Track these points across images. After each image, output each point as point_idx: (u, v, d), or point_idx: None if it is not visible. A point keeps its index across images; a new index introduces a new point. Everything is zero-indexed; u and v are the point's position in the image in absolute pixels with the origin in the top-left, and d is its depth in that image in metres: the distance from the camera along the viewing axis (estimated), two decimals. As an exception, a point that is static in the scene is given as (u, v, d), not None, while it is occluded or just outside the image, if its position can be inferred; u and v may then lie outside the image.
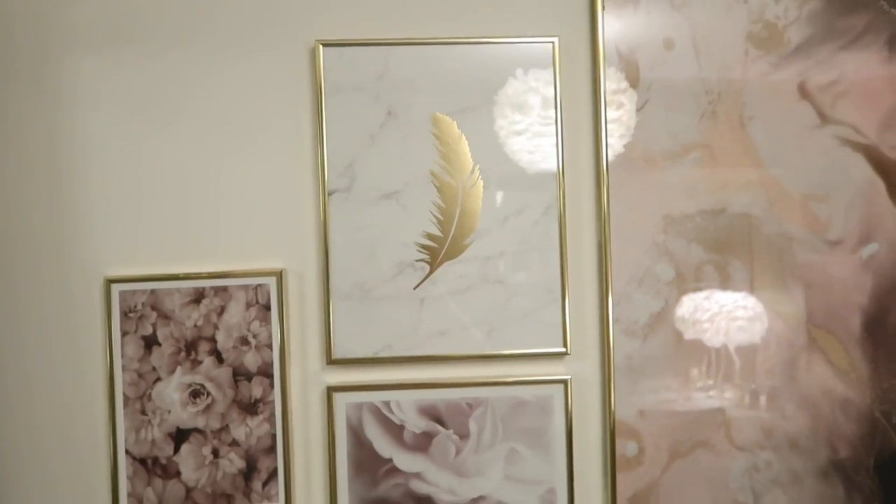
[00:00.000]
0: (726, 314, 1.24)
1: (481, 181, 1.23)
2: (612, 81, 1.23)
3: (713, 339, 1.24)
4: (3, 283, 1.22)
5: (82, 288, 1.22)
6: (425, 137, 1.23)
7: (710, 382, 1.25)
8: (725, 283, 1.25)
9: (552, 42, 1.23)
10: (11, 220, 1.22)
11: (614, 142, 1.23)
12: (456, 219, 1.24)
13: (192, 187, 1.23)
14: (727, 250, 1.25)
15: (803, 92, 1.25)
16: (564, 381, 1.24)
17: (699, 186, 1.24)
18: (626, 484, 1.25)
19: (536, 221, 1.23)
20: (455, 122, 1.23)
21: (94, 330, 1.22)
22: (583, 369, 1.26)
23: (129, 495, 1.23)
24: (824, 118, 1.25)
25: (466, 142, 1.23)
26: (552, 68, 1.23)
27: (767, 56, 1.25)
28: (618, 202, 1.23)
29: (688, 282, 1.24)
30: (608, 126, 1.22)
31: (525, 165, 1.23)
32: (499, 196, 1.23)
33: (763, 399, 1.25)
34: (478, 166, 1.23)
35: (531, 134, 1.23)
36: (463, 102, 1.23)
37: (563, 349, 1.23)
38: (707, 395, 1.24)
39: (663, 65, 1.24)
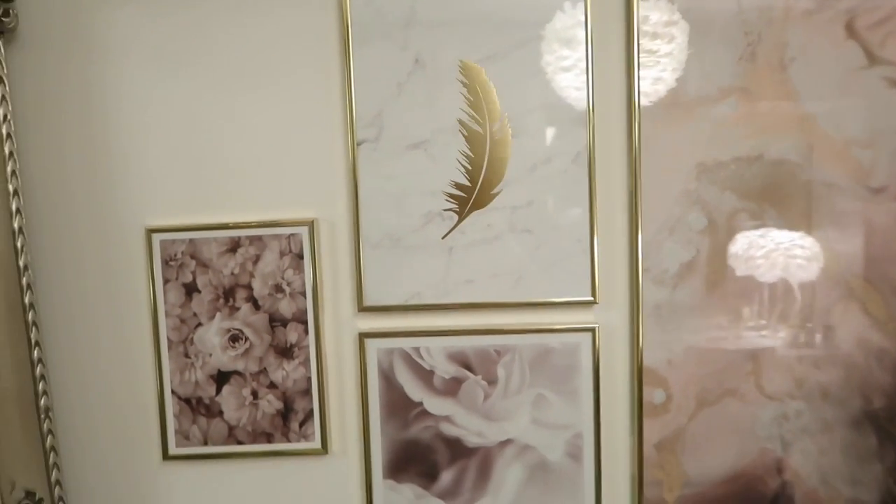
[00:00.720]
0: (779, 252, 1.22)
1: (510, 129, 1.22)
2: (662, 13, 1.18)
3: (765, 275, 1.23)
4: (48, 237, 1.28)
5: (125, 238, 1.27)
6: (453, 85, 1.22)
7: (750, 325, 1.24)
8: (759, 232, 1.22)
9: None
10: (54, 175, 1.27)
11: (667, 76, 1.19)
12: (484, 168, 1.23)
13: (225, 138, 1.25)
14: (762, 198, 1.21)
15: (850, 31, 1.19)
16: (592, 329, 1.24)
17: (735, 132, 1.21)
18: (653, 431, 1.26)
19: (565, 170, 1.22)
20: (483, 69, 1.21)
21: (138, 278, 1.28)
22: (611, 318, 1.26)
23: (177, 432, 1.30)
24: (872, 59, 1.19)
25: (494, 89, 1.22)
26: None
27: (813, -7, 1.19)
28: (649, 149, 1.21)
29: (720, 231, 1.22)
30: (655, 59, 1.18)
31: (558, 108, 1.21)
32: (527, 143, 1.22)
33: (798, 346, 1.23)
34: (506, 114, 1.22)
35: (577, 71, 1.20)
36: (491, 48, 1.21)
37: (591, 298, 1.24)
38: (739, 339, 1.24)
39: (701, 3, 1.19)
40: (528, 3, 1.20)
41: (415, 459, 1.29)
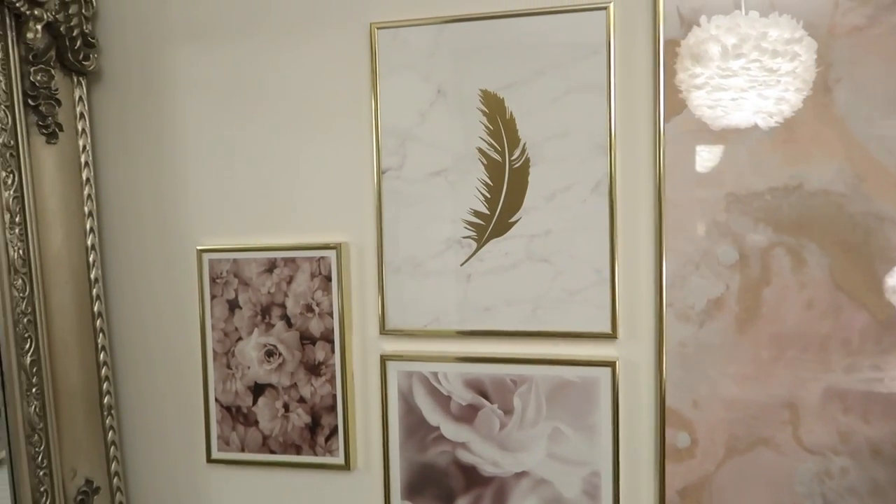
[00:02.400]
0: (819, 289, 1.12)
1: (529, 157, 1.21)
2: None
3: (804, 315, 1.13)
4: (117, 254, 1.44)
5: (180, 257, 1.40)
6: (473, 114, 1.23)
7: (787, 369, 1.13)
8: (799, 269, 1.12)
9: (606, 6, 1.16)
10: (123, 199, 1.42)
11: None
12: (503, 196, 1.23)
13: (266, 167, 1.35)
14: (802, 232, 1.11)
15: (908, 47, 1.06)
16: (612, 364, 1.20)
17: (770, 160, 1.12)
18: (677, 476, 1.18)
19: (584, 199, 1.19)
20: (504, 98, 1.22)
21: (191, 293, 1.40)
22: (632, 353, 1.20)
23: (219, 437, 1.41)
24: (934, 77, 1.06)
25: (514, 117, 1.21)
26: (606, 36, 1.16)
27: (863, 7, 1.08)
28: (675, 177, 1.15)
29: (752, 266, 1.13)
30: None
31: (578, 136, 1.19)
32: (546, 172, 1.21)
33: (843, 396, 1.11)
34: (525, 142, 1.21)
35: (598, 97, 1.18)
36: (511, 77, 1.21)
37: (611, 331, 1.19)
38: (774, 384, 1.13)
39: (732, 23, 1.12)
40: (547, 31, 1.19)
41: (432, 483, 1.30)
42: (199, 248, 1.38)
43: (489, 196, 1.24)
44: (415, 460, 1.31)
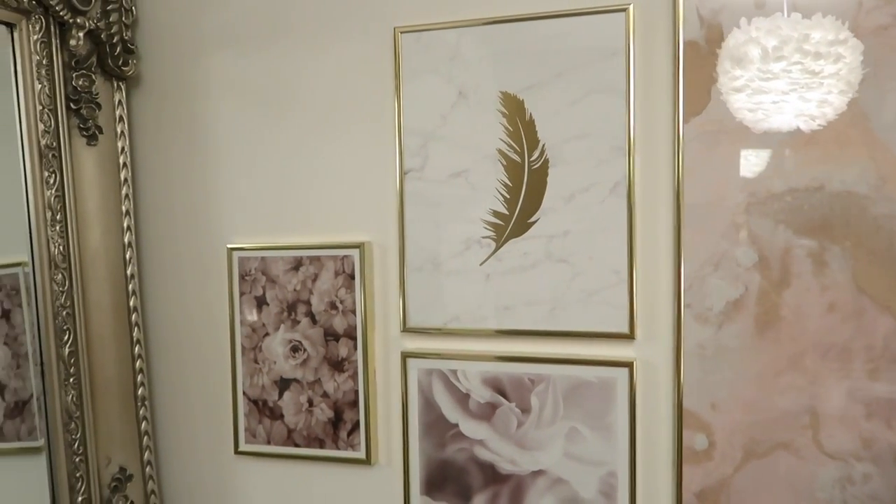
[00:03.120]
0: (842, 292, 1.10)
1: (548, 158, 1.22)
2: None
3: (825, 318, 1.11)
4: (152, 251, 1.50)
5: (212, 256, 1.45)
6: (493, 115, 1.25)
7: (808, 373, 1.12)
8: (820, 272, 1.10)
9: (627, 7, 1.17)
10: (159, 199, 1.49)
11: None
12: (521, 196, 1.24)
13: (293, 168, 1.39)
14: (823, 234, 1.10)
15: (934, 46, 1.04)
16: (629, 364, 1.20)
17: (791, 161, 1.11)
18: (694, 478, 1.18)
19: (603, 200, 1.20)
20: (523, 100, 1.23)
21: (221, 290, 1.45)
22: (650, 354, 1.20)
23: (246, 430, 1.45)
24: (962, 77, 1.03)
25: (534, 119, 1.23)
26: (625, 35, 1.17)
27: (888, 6, 1.06)
28: (694, 178, 1.15)
29: (773, 268, 1.12)
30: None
31: (597, 137, 1.20)
32: (564, 172, 1.22)
33: (866, 401, 1.09)
34: (544, 143, 1.22)
35: (618, 98, 1.19)
36: (531, 79, 1.22)
37: (629, 332, 1.19)
38: (794, 388, 1.12)
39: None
40: (567, 33, 1.20)
41: (450, 479, 1.32)
42: (229, 246, 1.43)
43: (508, 197, 1.25)
44: (434, 456, 1.33)
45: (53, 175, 1.30)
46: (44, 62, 1.29)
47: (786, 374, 1.13)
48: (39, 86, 1.28)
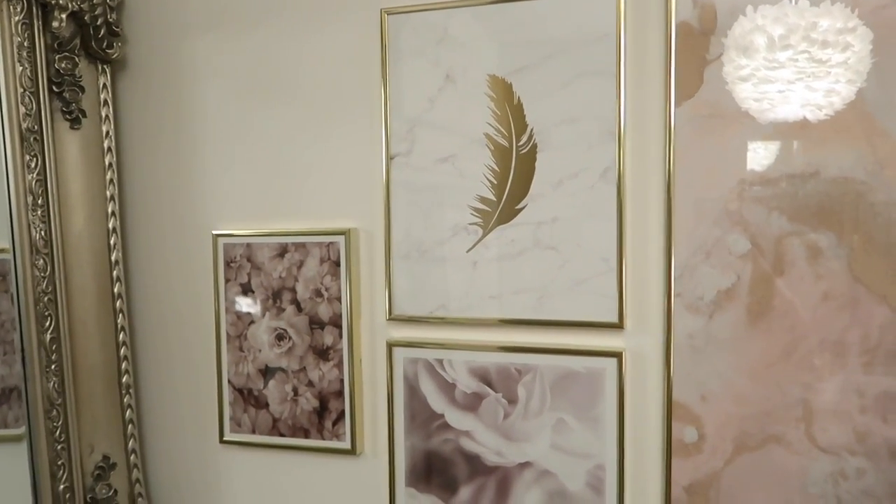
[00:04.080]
0: (838, 281, 1.07)
1: (536, 143, 1.19)
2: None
3: (820, 308, 1.08)
4: (137, 237, 1.48)
5: (197, 242, 1.43)
6: (481, 99, 1.22)
7: (801, 365, 1.08)
8: (815, 260, 1.07)
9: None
10: (144, 184, 1.47)
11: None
12: (509, 182, 1.21)
13: (279, 154, 1.37)
14: (818, 221, 1.06)
15: (935, 26, 1.00)
16: (618, 355, 1.17)
17: (785, 146, 1.07)
18: (683, 472, 1.15)
19: (592, 185, 1.17)
20: (511, 83, 1.20)
21: (206, 277, 1.43)
22: (639, 344, 1.17)
23: (231, 419, 1.43)
24: (964, 58, 1.00)
25: (522, 103, 1.20)
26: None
27: (887, -15, 1.02)
28: (685, 163, 1.12)
29: (766, 256, 1.09)
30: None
31: (586, 122, 1.16)
32: (553, 158, 1.19)
33: (861, 394, 1.06)
34: (532, 128, 1.19)
35: (607, 82, 1.16)
36: (519, 62, 1.19)
37: (618, 322, 1.16)
38: (787, 380, 1.09)
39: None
40: (556, 14, 1.17)
41: (436, 471, 1.29)
42: (214, 232, 1.40)
43: (496, 182, 1.22)
44: (419, 447, 1.30)
45: (35, 159, 1.28)
46: (25, 44, 1.27)
47: (778, 365, 1.09)
48: (21, 68, 1.26)
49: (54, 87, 1.32)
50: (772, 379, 1.10)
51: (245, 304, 1.40)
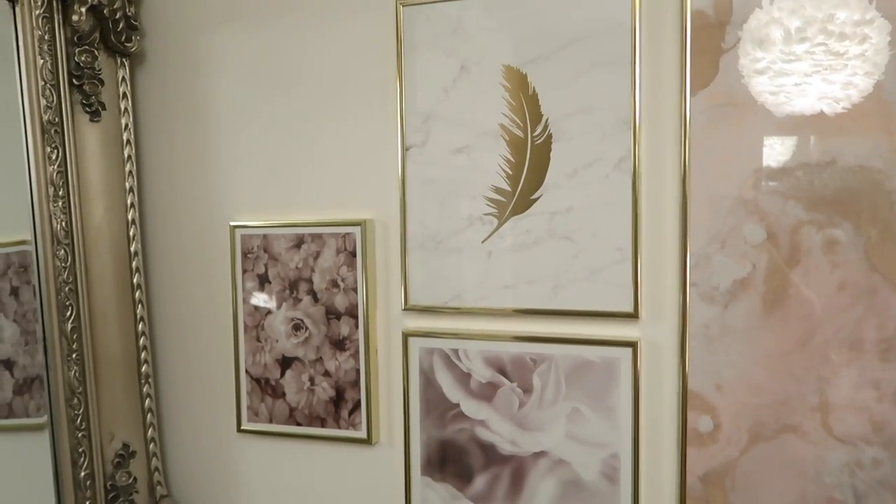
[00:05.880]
0: (854, 271, 1.06)
1: (551, 133, 1.20)
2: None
3: (836, 297, 1.08)
4: (156, 228, 1.50)
5: (215, 233, 1.45)
6: (496, 90, 1.22)
7: (816, 354, 1.08)
8: (831, 249, 1.06)
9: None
10: (163, 176, 1.48)
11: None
12: (524, 172, 1.22)
13: (296, 145, 1.38)
14: (834, 210, 1.06)
15: (955, 13, 1.00)
16: (633, 344, 1.17)
17: (802, 134, 1.07)
18: (698, 461, 1.15)
19: (607, 175, 1.17)
20: (526, 73, 1.20)
21: (224, 268, 1.44)
22: (654, 334, 1.17)
23: (248, 408, 1.45)
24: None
25: (537, 93, 1.20)
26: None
27: (906, -28, 1.01)
28: (701, 152, 1.12)
29: (782, 246, 1.09)
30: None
31: (601, 111, 1.17)
32: (568, 148, 1.19)
33: (877, 383, 1.05)
34: (547, 118, 1.20)
35: (623, 71, 1.16)
36: (534, 52, 1.20)
37: (633, 311, 1.17)
38: (803, 369, 1.09)
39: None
40: (571, 3, 1.17)
41: (451, 459, 1.30)
42: (232, 223, 1.42)
43: (511, 173, 1.23)
44: (435, 436, 1.31)
45: (56, 151, 1.30)
46: (46, 37, 1.29)
47: (794, 355, 1.09)
48: (41, 61, 1.28)
49: (74, 81, 1.34)
50: (787, 369, 1.10)
51: (262, 295, 1.41)
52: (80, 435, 1.34)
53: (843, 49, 1.05)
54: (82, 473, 1.35)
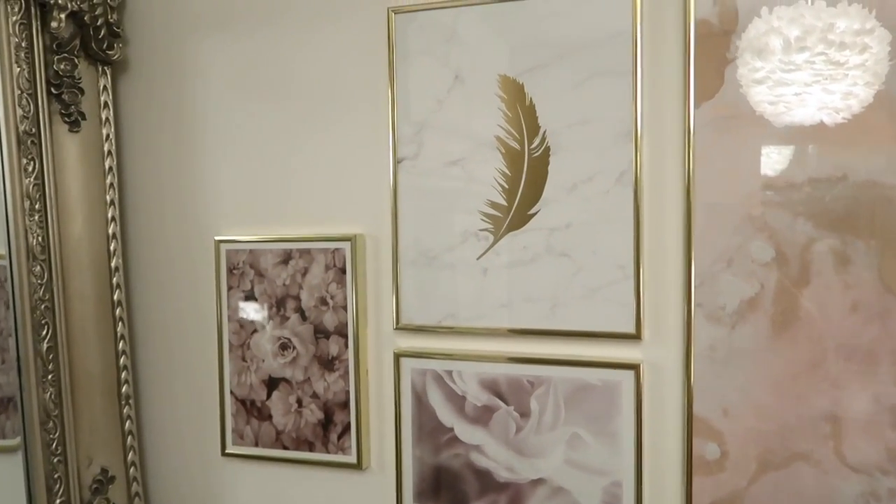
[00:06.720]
0: (867, 290, 1.02)
1: (549, 145, 1.15)
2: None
3: (848, 319, 1.03)
4: (138, 243, 1.44)
5: (199, 248, 1.40)
6: (491, 100, 1.17)
7: (829, 378, 1.03)
8: (843, 268, 1.01)
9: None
10: (146, 188, 1.43)
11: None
12: (521, 186, 1.17)
13: (283, 157, 1.33)
14: (846, 227, 1.01)
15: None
16: (635, 367, 1.12)
17: (811, 149, 1.02)
18: (705, 490, 1.09)
19: (608, 190, 1.12)
20: (523, 84, 1.16)
21: (208, 285, 1.39)
22: (657, 356, 1.12)
23: (233, 431, 1.39)
24: None
25: (534, 104, 1.15)
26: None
27: (920, -21, 0.97)
28: (705, 167, 1.07)
29: (791, 264, 1.04)
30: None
31: (601, 123, 1.12)
32: (567, 161, 1.14)
33: (893, 409, 1.00)
34: (545, 130, 1.15)
35: (623, 82, 1.11)
36: (531, 62, 1.15)
37: (635, 332, 1.11)
38: (814, 393, 1.03)
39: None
40: (570, 11, 1.12)
41: (444, 486, 1.24)
42: (217, 238, 1.37)
43: (507, 186, 1.18)
44: (428, 462, 1.25)
45: (32, 162, 1.24)
46: (23, 45, 1.23)
47: (805, 378, 1.04)
48: (18, 69, 1.23)
49: (53, 89, 1.28)
50: (798, 393, 1.04)
51: (248, 313, 1.36)
52: (55, 460, 1.28)
53: (843, 59, 1.01)
54: (58, 501, 1.29)
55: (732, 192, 1.06)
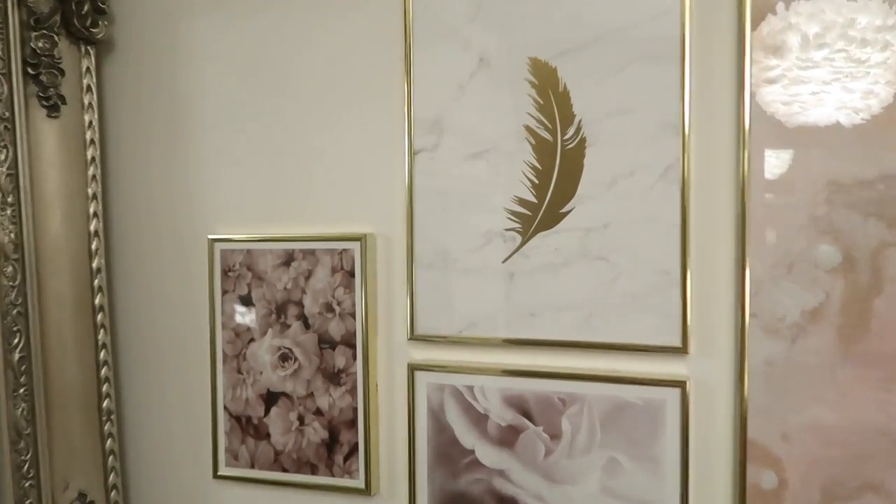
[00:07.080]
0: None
1: (585, 136, 1.04)
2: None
3: None
4: (123, 241, 1.33)
5: (191, 248, 1.29)
6: (520, 86, 1.06)
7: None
8: (921, 274, 0.91)
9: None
10: (133, 180, 1.32)
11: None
12: (553, 182, 1.05)
13: (286, 149, 1.22)
14: (925, 229, 0.90)
15: None
16: (681, 384, 1.00)
17: (883, 141, 0.92)
18: (759, 523, 0.98)
19: (651, 186, 1.01)
20: (556, 67, 1.04)
21: (201, 289, 1.27)
22: (706, 372, 1.01)
23: (227, 451, 1.26)
24: None
25: (569, 90, 1.04)
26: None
27: None
28: (763, 163, 0.96)
29: (861, 270, 0.93)
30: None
31: (644, 111, 1.01)
32: (605, 153, 1.03)
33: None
34: (581, 119, 1.04)
35: (670, 66, 1.00)
36: (566, 44, 1.03)
37: (681, 345, 1.00)
38: (888, 416, 0.93)
39: (815, 9, 0.93)
40: (611, -12, 1.01)
41: (463, 515, 1.13)
42: (210, 237, 1.25)
43: (537, 182, 1.06)
44: (445, 488, 1.13)
45: (5, 150, 1.12)
46: (-4, 19, 1.12)
47: (876, 398, 0.93)
48: (-10, 46, 1.11)
49: (29, 69, 1.16)
50: (868, 416, 0.93)
51: (244, 319, 1.23)
52: (27, 484, 1.15)
53: (864, 56, 0.92)
54: (29, 529, 1.16)
55: (793, 190, 0.95)
